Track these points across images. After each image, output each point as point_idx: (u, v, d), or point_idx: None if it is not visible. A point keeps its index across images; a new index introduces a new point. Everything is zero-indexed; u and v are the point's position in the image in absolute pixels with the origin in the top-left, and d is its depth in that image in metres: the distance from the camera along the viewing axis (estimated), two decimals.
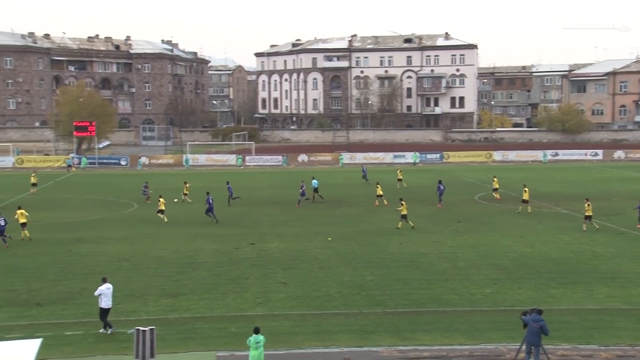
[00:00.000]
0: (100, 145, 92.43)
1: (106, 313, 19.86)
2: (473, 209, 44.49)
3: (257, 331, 16.66)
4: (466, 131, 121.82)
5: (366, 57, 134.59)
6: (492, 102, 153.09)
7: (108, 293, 19.91)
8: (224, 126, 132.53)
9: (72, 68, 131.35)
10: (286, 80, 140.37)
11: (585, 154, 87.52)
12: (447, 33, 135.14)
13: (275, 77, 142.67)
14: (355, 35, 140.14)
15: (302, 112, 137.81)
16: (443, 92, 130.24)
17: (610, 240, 33.42)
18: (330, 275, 26.56)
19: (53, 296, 23.55)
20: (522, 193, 43.23)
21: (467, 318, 21.18)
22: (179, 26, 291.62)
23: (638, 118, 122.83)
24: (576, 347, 18.69)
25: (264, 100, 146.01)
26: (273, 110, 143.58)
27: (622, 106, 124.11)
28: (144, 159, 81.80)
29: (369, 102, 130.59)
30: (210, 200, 40.00)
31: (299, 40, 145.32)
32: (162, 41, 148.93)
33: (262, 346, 16.49)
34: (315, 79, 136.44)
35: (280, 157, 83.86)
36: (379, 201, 45.94)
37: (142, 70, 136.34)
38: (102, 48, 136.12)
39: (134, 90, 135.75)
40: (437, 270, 27.26)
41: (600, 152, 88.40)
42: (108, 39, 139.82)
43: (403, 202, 37.33)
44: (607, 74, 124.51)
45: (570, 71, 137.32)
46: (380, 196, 45.88)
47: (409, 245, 32.24)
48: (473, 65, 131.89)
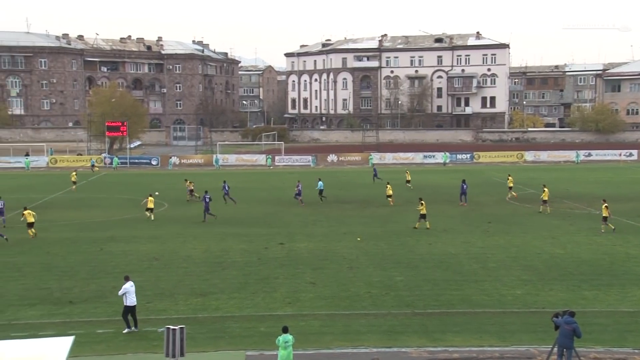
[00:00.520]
0: (132, 145, 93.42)
1: (132, 310, 20.03)
2: (503, 209, 44.03)
3: (285, 331, 16.67)
4: (497, 131, 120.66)
5: (396, 57, 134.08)
6: (524, 102, 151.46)
7: (132, 291, 20.06)
8: (254, 126, 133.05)
9: (104, 69, 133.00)
10: (316, 80, 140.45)
11: (620, 155, 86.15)
12: (478, 32, 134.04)
13: (305, 77, 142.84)
14: (385, 35, 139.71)
15: (332, 112, 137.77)
16: (474, 92, 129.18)
17: None
18: (359, 275, 26.48)
19: (85, 294, 23.83)
20: (545, 193, 42.79)
21: (497, 319, 20.95)
22: (210, 27, 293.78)
23: None
24: (609, 350, 18.38)
25: (293, 101, 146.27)
26: (303, 111, 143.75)
27: None
28: (174, 159, 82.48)
29: (399, 102, 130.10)
30: (207, 199, 40.22)
31: (329, 40, 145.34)
32: (193, 42, 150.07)
33: (291, 346, 16.50)
34: (345, 79, 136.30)
35: (309, 157, 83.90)
36: (390, 200, 46.36)
37: (173, 71, 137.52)
38: (134, 49, 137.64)
39: (165, 90, 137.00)
40: (467, 271, 27.02)
41: (635, 152, 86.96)
42: (140, 40, 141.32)
43: (423, 202, 37.26)
44: None
45: (604, 70, 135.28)
46: (389, 196, 46.24)
47: (439, 246, 32.02)
48: (504, 64, 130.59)
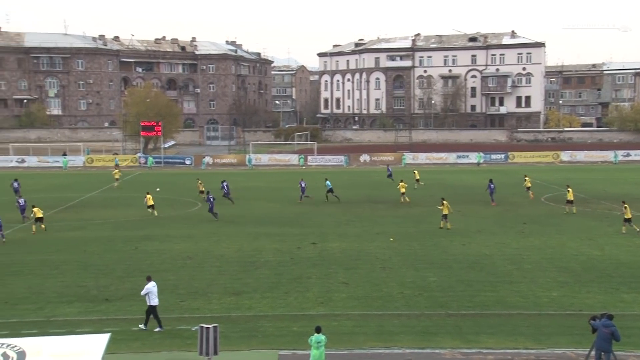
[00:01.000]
0: (166, 145, 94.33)
1: (154, 310, 20.20)
2: (539, 210, 43.45)
3: (318, 330, 16.67)
4: (532, 131, 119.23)
5: (429, 57, 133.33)
6: (560, 102, 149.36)
7: (154, 291, 20.28)
8: (287, 126, 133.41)
9: (139, 69, 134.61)
10: (349, 80, 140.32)
11: None
12: (513, 31, 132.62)
13: (337, 77, 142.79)
14: (418, 34, 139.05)
15: (364, 112, 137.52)
16: (508, 92, 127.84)
17: None
18: (392, 275, 26.37)
19: (121, 292, 24.11)
20: (570, 193, 42.22)
21: (532, 321, 20.68)
22: (244, 27, 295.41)
23: None
24: None
25: (326, 100, 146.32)
26: (335, 110, 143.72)
27: None
28: (207, 159, 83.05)
29: (432, 101, 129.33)
30: (211, 199, 40.79)
31: (362, 40, 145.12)
32: (227, 42, 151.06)
33: (324, 346, 16.49)
34: (377, 78, 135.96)
35: (342, 157, 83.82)
36: (402, 198, 46.89)
37: (207, 71, 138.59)
38: (168, 49, 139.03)
39: (198, 90, 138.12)
40: (501, 272, 26.73)
41: None
42: (174, 41, 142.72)
43: (445, 202, 37.19)
44: None
45: None
46: (403, 194, 46.89)
47: (473, 247, 31.73)
48: (540, 63, 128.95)
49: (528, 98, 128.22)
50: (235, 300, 23.13)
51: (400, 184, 48.22)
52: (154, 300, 20.16)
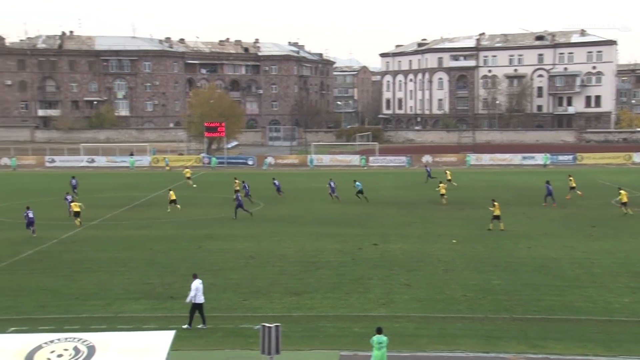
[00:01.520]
0: (229, 145, 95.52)
1: (200, 308, 20.41)
2: (609, 213, 42.08)
3: (379, 331, 16.57)
4: (602, 131, 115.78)
5: (494, 56, 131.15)
6: (633, 101, 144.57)
7: (200, 288, 20.50)
8: (348, 127, 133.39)
9: (204, 71, 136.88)
10: (411, 80, 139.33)
11: None
12: (582, 29, 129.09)
13: (400, 77, 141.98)
14: (483, 33, 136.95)
15: (427, 112, 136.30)
16: (577, 91, 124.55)
17: None
18: (455, 278, 25.99)
19: (185, 290, 24.35)
20: (623, 195, 41.04)
21: (603, 328, 20.03)
22: (306, 28, 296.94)
23: None
24: None
25: (388, 101, 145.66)
26: (397, 111, 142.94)
27: None
28: (270, 159, 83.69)
29: (497, 101, 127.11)
30: (239, 197, 41.76)
31: (425, 40, 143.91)
32: (289, 43, 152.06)
33: (385, 347, 16.38)
34: (440, 78, 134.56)
35: (404, 158, 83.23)
36: (443, 199, 46.55)
37: (270, 72, 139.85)
38: (232, 51, 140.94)
39: (261, 91, 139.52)
40: (569, 277, 26.00)
41: None
42: (238, 42, 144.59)
43: (496, 203, 36.58)
44: None
45: None
46: (442, 195, 46.53)
47: (539, 250, 30.98)
48: (611, 62, 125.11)
49: (598, 98, 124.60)
50: (297, 300, 23.20)
51: (440, 185, 48.24)
52: (199, 298, 20.39)
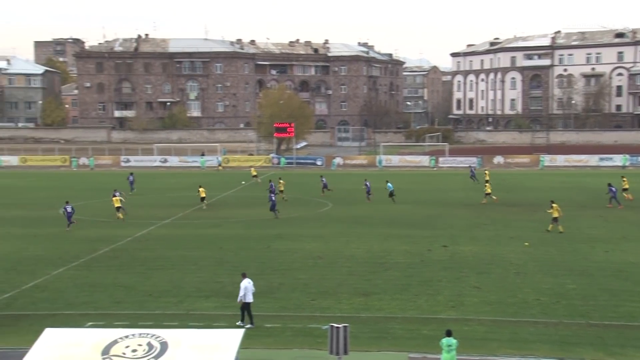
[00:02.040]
0: (298, 146, 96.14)
1: (248, 307, 20.58)
2: None
3: (449, 334, 16.36)
4: None
5: (570, 55, 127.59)
6: None
7: (250, 287, 20.70)
8: (418, 127, 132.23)
9: (274, 72, 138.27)
10: (482, 80, 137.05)
11: None
12: None
13: (471, 77, 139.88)
14: (558, 31, 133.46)
15: (499, 112, 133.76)
16: None
17: None
18: (527, 281, 25.38)
19: (254, 289, 24.70)
20: None
21: None
22: (375, 28, 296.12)
23: None
24: None
25: (458, 101, 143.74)
26: (468, 111, 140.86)
27: None
28: (338, 159, 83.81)
29: (572, 101, 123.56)
30: (273, 197, 42.29)
31: (497, 39, 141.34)
32: (359, 44, 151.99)
33: (454, 350, 16.15)
34: (513, 78, 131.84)
35: (474, 159, 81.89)
36: (487, 199, 46.69)
37: (339, 73, 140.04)
38: (301, 52, 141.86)
39: (330, 92, 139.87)
40: None
41: None
42: (307, 43, 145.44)
43: (554, 205, 35.68)
44: None
45: None
46: (488, 194, 46.88)
47: (616, 254, 29.93)
48: None
49: None
50: (365, 301, 23.11)
51: (486, 184, 48.29)
52: (248, 297, 20.59)
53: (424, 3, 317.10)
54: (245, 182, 52.32)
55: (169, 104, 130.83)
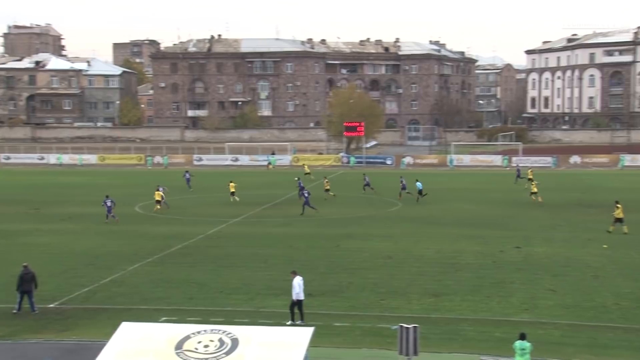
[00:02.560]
0: (368, 145, 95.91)
1: (299, 305, 20.55)
2: None
3: (523, 337, 15.99)
4: None
5: None
6: None
7: (302, 285, 20.70)
8: (490, 126, 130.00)
9: (344, 71, 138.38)
10: (559, 77, 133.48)
11: None
12: None
13: (546, 74, 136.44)
14: None
15: (576, 110, 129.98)
16: None
17: None
18: (606, 285, 24.53)
19: (323, 288, 24.78)
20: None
21: None
22: (447, 26, 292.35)
23: None
24: None
25: (533, 99, 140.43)
26: (543, 110, 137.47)
27: None
28: (408, 159, 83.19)
29: None
30: (306, 194, 42.55)
31: (575, 35, 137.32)
32: (430, 42, 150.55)
33: (528, 353, 15.77)
34: (592, 75, 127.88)
35: (549, 159, 79.87)
36: (534, 198, 46.03)
37: (410, 71, 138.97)
38: (372, 51, 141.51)
39: (400, 91, 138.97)
40: None
41: None
42: (378, 42, 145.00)
43: (619, 205, 34.54)
44: None
45: None
46: (534, 193, 46.27)
47: None
48: None
49: None
50: (435, 302, 22.84)
51: (532, 184, 47.83)
52: (300, 295, 20.63)
53: (496, 0, 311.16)
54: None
55: (240, 103, 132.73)
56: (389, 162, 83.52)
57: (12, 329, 20.35)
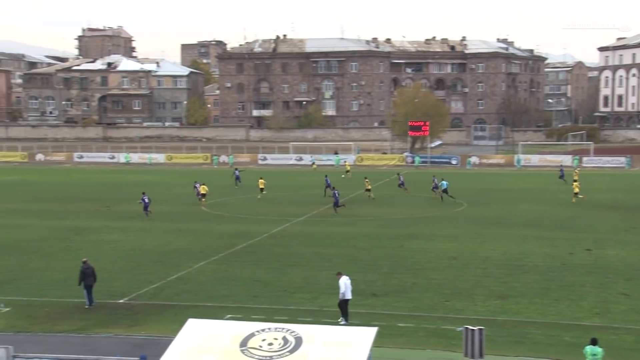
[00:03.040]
0: (433, 145, 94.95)
1: (346, 304, 20.56)
2: None
3: (594, 342, 15.54)
4: None
5: None
6: None
7: (349, 285, 20.68)
8: (559, 125, 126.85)
9: (409, 70, 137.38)
10: (634, 75, 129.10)
11: None
12: None
13: (620, 72, 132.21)
14: None
15: None
16: None
17: None
18: None
19: (387, 288, 24.65)
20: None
21: None
22: (516, 24, 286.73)
23: None
24: None
25: (605, 98, 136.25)
26: (616, 108, 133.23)
27: None
28: (474, 159, 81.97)
29: None
30: (336, 194, 42.80)
31: None
32: (498, 40, 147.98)
33: (600, 359, 15.28)
34: None
35: (623, 159, 77.35)
36: (575, 199, 45.91)
37: (476, 70, 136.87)
38: (437, 49, 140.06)
39: (467, 90, 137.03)
40: None
41: None
42: (444, 41, 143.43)
43: None
44: None
45: None
46: (576, 194, 46.21)
47: None
48: None
49: None
50: (501, 304, 22.41)
51: (574, 184, 47.68)
52: (348, 295, 20.63)
53: None
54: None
55: (304, 103, 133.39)
56: (454, 162, 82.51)
57: (84, 322, 21.00)
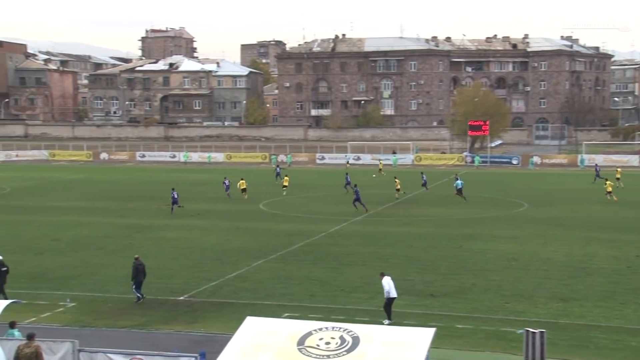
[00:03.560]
0: (493, 144, 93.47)
1: (391, 302, 20.55)
2: None
3: None
4: None
5: None
6: None
7: (392, 284, 20.67)
8: (626, 125, 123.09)
9: (469, 69, 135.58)
10: None
11: None
12: None
13: None
14: None
15: None
16: None
17: None
18: None
19: (445, 289, 24.40)
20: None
21: None
22: (581, 21, 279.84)
23: None
24: None
25: None
26: None
27: None
28: (536, 159, 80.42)
29: None
30: (357, 191, 43.25)
31: None
32: (561, 37, 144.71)
33: None
34: None
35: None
36: (609, 197, 45.88)
37: (538, 69, 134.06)
38: (499, 48, 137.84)
39: (528, 88, 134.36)
40: None
41: None
42: (505, 39, 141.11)
43: None
44: None
45: None
46: (609, 192, 46.13)
47: None
48: None
49: None
50: (564, 307, 21.91)
51: (607, 182, 47.50)
52: (393, 293, 20.63)
53: None
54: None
55: (363, 102, 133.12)
56: (514, 161, 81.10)
57: (145, 318, 21.45)
